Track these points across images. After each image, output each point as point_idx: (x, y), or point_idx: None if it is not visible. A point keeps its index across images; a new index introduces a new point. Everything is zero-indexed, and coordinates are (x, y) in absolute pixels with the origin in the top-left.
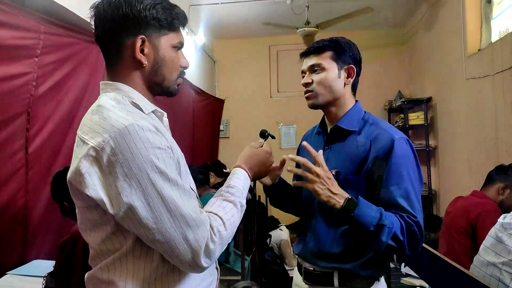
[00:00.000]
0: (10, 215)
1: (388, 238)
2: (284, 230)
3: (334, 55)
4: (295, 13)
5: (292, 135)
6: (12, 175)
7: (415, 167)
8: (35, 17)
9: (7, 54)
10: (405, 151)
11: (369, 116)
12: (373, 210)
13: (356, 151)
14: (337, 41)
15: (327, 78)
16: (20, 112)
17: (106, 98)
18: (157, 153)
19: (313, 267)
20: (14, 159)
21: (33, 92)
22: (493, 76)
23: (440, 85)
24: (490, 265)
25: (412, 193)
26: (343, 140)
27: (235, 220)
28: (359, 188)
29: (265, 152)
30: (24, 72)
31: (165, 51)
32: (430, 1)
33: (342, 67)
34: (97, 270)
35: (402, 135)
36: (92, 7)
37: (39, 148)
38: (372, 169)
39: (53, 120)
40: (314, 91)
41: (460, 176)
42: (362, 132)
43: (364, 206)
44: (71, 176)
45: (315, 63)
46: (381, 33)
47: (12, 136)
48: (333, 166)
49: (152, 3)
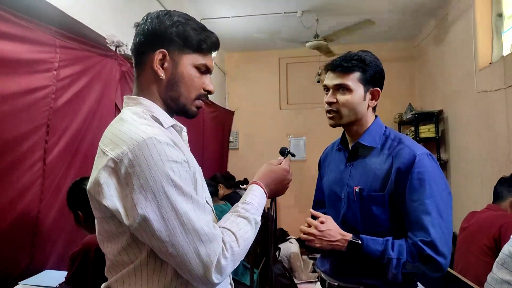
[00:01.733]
0: (22, 224)
1: (398, 269)
2: (294, 243)
3: (361, 77)
4: (305, 26)
5: (302, 147)
6: (30, 186)
7: (438, 181)
8: (51, 31)
9: (27, 68)
10: (427, 167)
11: (391, 131)
12: (379, 244)
13: (379, 167)
14: (365, 60)
15: (352, 100)
16: (40, 125)
17: (128, 111)
18: (173, 167)
19: (337, 283)
20: (33, 170)
21: (52, 105)
22: (505, 90)
23: (451, 98)
24: (505, 283)
25: (433, 209)
26: (366, 157)
27: (249, 237)
28: (384, 205)
29: (283, 170)
30: (44, 85)
31: (185, 68)
32: (440, 15)
33: (368, 89)
34: (113, 282)
35: (425, 151)
36: (135, 25)
37: (55, 159)
38: (396, 185)
39: (69, 132)
40: (339, 112)
41: (472, 190)
42: (384, 148)
43: (369, 243)
44: (90, 186)
45: (342, 83)
46: (391, 46)
47: (32, 147)
48: (356, 183)
49: (181, 21)
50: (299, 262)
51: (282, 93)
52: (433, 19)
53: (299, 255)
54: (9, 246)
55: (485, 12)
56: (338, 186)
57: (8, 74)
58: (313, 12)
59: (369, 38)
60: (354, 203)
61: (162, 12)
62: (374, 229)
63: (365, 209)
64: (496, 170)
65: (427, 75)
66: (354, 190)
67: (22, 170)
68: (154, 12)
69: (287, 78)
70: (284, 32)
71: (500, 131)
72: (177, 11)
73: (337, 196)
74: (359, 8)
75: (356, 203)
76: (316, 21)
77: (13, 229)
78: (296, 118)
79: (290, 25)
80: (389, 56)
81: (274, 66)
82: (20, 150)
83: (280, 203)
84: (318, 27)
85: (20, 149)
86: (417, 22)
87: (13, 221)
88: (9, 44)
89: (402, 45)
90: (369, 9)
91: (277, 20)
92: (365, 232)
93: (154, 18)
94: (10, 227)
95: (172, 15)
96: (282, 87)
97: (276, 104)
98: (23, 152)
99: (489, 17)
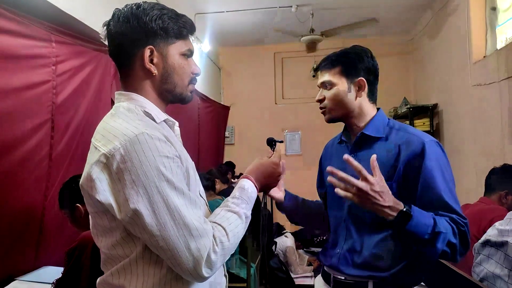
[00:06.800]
0: (27, 221)
1: (444, 244)
2: (289, 237)
3: (343, 70)
4: (300, 20)
5: (297, 142)
6: (37, 182)
7: (448, 169)
8: (45, 26)
9: (25, 63)
10: (437, 154)
11: (394, 122)
12: (427, 217)
13: (385, 156)
14: (346, 54)
15: (337, 94)
16: (45, 120)
17: (119, 107)
18: (165, 162)
19: (344, 276)
20: (41, 166)
21: (54, 100)
22: (499, 83)
23: (446, 91)
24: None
25: (450, 196)
26: (371, 147)
27: (239, 232)
28: (392, 193)
29: (272, 163)
30: (44, 80)
31: (174, 59)
32: (435, 9)
33: (353, 81)
34: (108, 275)
35: (432, 138)
36: (104, 25)
37: (60, 155)
38: (405, 173)
39: (71, 127)
40: (327, 107)
41: (466, 184)
42: (389, 138)
43: (418, 216)
44: (83, 181)
45: (325, 80)
46: (386, 40)
47: (40, 144)
48: None
49: (158, 14)
50: (294, 256)
51: (277, 88)
52: (427, 13)
53: (294, 249)
54: (16, 244)
55: (479, 6)
56: None
57: (7, 70)
58: (308, 6)
59: (364, 32)
60: None
61: (133, 8)
62: (381, 218)
63: None
64: (490, 163)
65: (421, 69)
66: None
67: (31, 167)
68: (124, 9)
69: (282, 73)
70: (279, 26)
71: (494, 124)
72: (146, 2)
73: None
74: (354, 1)
75: None
76: (311, 15)
77: (20, 226)
78: (292, 113)
79: (285, 19)
80: (384, 50)
81: (269, 61)
82: (28, 146)
83: None
84: (313, 22)
85: (28, 145)
86: (412, 16)
87: (20, 218)
88: (7, 39)
89: (397, 39)
90: (364, 3)
91: (271, 15)
92: (373, 221)
93: (128, 15)
94: (17, 224)
95: (146, 8)
96: (277, 82)
97: (272, 99)
98: (32, 148)
99: (483, 10)
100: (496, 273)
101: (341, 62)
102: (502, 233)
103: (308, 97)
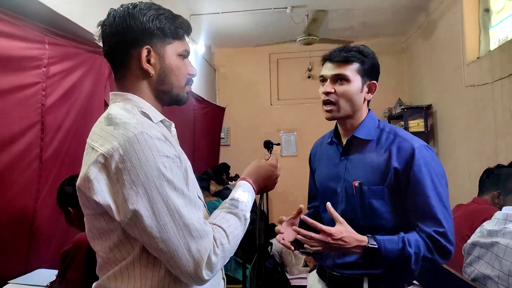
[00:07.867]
0: (19, 224)
1: (417, 263)
2: None
3: (360, 68)
4: (295, 22)
5: (293, 143)
6: (27, 185)
7: (438, 173)
8: (39, 28)
9: (15, 64)
10: (426, 159)
11: (384, 124)
12: (395, 242)
13: (376, 160)
14: (364, 52)
15: (350, 91)
16: (34, 122)
17: (116, 107)
18: (165, 162)
19: (340, 273)
20: (31, 168)
21: (44, 102)
22: (492, 84)
23: (440, 92)
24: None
25: (437, 201)
26: (361, 150)
27: (238, 233)
28: (384, 197)
29: (269, 165)
30: (33, 82)
31: (171, 59)
32: (428, 11)
33: (366, 82)
34: (105, 279)
35: (422, 143)
36: (98, 25)
37: (51, 157)
38: (396, 178)
39: (63, 129)
40: (337, 104)
41: (460, 184)
42: (380, 141)
43: (386, 244)
44: (80, 183)
45: (341, 73)
46: (380, 41)
47: (29, 146)
48: (353, 177)
49: (155, 14)
50: (290, 257)
51: (273, 89)
52: (421, 15)
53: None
54: (6, 246)
55: (473, 7)
56: (333, 180)
57: None
58: (303, 8)
59: (358, 34)
60: (353, 197)
61: (130, 8)
62: (375, 222)
63: (365, 203)
64: (484, 163)
65: (416, 70)
66: (353, 184)
67: (21, 169)
68: (120, 9)
69: (277, 74)
70: (274, 28)
71: (488, 125)
72: (142, 2)
73: (333, 191)
74: (348, 3)
75: (355, 197)
76: (306, 16)
77: (10, 229)
78: (287, 113)
79: (280, 21)
80: (379, 51)
81: (265, 62)
82: (17, 148)
83: (272, 199)
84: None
85: (17, 147)
86: (406, 18)
87: (10, 221)
88: None
89: (391, 40)
90: (358, 5)
91: (267, 16)
92: (366, 225)
93: (124, 15)
94: (7, 227)
95: (142, 8)
96: (273, 83)
97: (267, 100)
98: (21, 150)
99: (476, 12)
100: (486, 274)
101: (360, 60)
102: (490, 233)
103: (304, 98)
